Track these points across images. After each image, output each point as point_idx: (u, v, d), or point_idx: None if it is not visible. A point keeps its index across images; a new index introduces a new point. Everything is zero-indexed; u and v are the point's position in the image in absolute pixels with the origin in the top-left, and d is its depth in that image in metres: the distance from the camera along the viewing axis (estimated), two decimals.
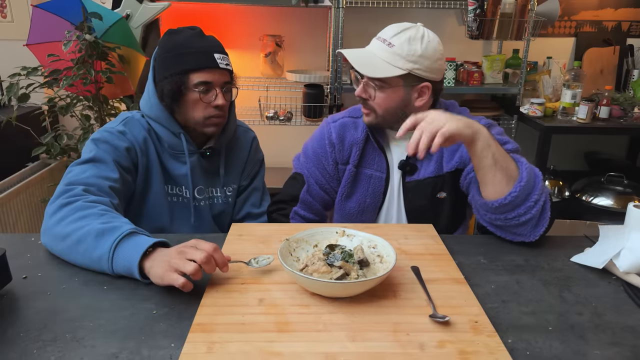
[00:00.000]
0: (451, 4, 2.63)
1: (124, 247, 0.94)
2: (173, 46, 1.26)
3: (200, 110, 1.27)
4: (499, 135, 1.30)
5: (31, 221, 2.39)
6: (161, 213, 1.32)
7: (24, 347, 0.77)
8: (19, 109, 2.33)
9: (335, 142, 1.38)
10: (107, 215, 1.02)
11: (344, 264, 0.93)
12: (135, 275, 0.92)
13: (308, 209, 1.41)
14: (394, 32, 1.24)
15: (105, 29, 2.18)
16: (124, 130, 1.26)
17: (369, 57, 1.26)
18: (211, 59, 1.24)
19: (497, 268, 1.04)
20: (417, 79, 1.25)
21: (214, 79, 1.26)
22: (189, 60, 1.24)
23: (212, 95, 1.27)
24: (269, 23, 2.83)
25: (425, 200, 1.35)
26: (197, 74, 1.24)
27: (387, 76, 1.23)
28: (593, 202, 2.56)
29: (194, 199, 1.36)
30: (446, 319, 0.82)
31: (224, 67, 1.27)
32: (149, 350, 0.76)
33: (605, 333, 0.83)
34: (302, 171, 1.42)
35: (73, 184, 1.10)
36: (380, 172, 1.37)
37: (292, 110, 2.74)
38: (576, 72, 2.64)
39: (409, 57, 1.21)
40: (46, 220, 1.05)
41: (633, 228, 1.02)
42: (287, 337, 0.79)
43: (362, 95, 1.29)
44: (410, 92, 1.27)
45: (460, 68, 2.79)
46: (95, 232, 0.97)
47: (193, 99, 1.26)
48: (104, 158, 1.18)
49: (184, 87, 1.24)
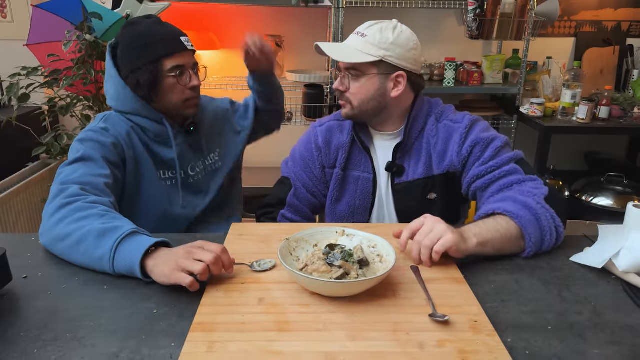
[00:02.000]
0: (451, 4, 2.64)
1: (126, 246, 0.95)
2: (137, 36, 1.27)
3: (178, 94, 1.30)
4: (485, 133, 1.29)
5: (31, 221, 2.39)
6: (160, 199, 1.33)
7: (24, 346, 0.77)
8: (19, 109, 2.33)
9: (322, 146, 1.38)
10: (108, 216, 1.02)
11: (344, 263, 0.93)
12: (137, 274, 0.92)
13: (295, 212, 1.41)
14: (368, 25, 1.28)
15: (105, 29, 2.18)
16: (106, 127, 1.27)
17: (342, 47, 1.30)
18: (179, 43, 1.28)
19: (497, 267, 1.04)
20: (390, 67, 1.26)
21: (185, 61, 1.29)
22: (159, 47, 1.26)
23: (186, 77, 1.30)
24: (269, 23, 2.83)
25: (415, 201, 1.34)
26: (169, 59, 1.27)
27: (358, 61, 1.25)
28: (593, 202, 2.56)
29: (188, 177, 1.39)
30: (446, 319, 0.82)
31: (191, 49, 1.31)
32: (150, 350, 0.76)
33: (605, 332, 0.83)
34: (290, 175, 1.43)
35: (66, 183, 1.10)
36: (367, 173, 1.37)
37: (292, 110, 2.75)
38: (576, 72, 2.65)
39: (380, 45, 1.24)
40: (45, 221, 1.05)
41: (632, 228, 1.02)
42: (287, 336, 0.79)
43: (340, 88, 1.31)
44: (386, 82, 1.27)
45: (460, 68, 2.79)
46: (96, 232, 0.97)
47: (169, 84, 1.28)
48: (93, 156, 1.18)
49: (159, 74, 1.27)
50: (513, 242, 1.07)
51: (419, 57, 1.30)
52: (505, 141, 1.28)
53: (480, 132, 1.29)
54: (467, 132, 1.29)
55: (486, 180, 1.24)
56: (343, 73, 1.30)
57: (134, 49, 1.27)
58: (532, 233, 1.07)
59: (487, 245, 1.04)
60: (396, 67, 1.26)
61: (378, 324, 0.83)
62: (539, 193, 1.13)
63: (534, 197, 1.11)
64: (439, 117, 1.34)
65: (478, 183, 1.25)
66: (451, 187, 1.33)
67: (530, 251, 1.07)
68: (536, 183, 1.18)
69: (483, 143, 1.27)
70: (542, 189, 1.15)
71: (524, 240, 1.07)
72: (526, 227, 1.06)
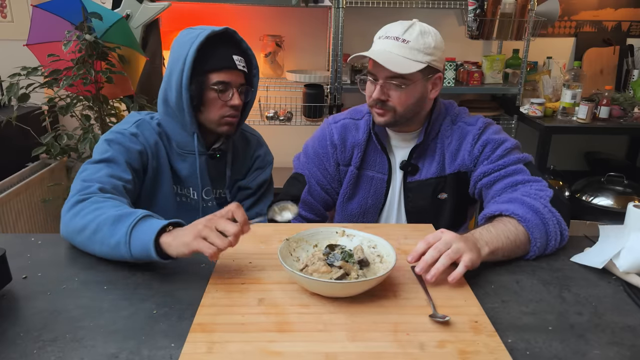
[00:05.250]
0: (451, 4, 2.64)
1: (140, 228, 0.95)
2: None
3: (217, 109, 1.28)
4: (497, 134, 1.30)
5: (31, 221, 2.39)
6: (170, 213, 1.33)
7: (24, 347, 0.77)
8: (19, 109, 2.33)
9: (337, 143, 1.37)
10: (122, 206, 1.04)
11: (344, 264, 0.93)
12: (151, 254, 0.92)
13: (309, 210, 1.41)
14: (404, 29, 1.24)
15: (105, 29, 2.18)
16: (137, 133, 1.27)
17: (388, 56, 1.23)
18: (230, 60, 1.26)
19: (497, 268, 1.04)
20: (433, 71, 1.26)
21: (232, 79, 1.27)
22: (211, 60, 1.24)
23: (228, 94, 1.27)
24: (269, 23, 2.83)
25: (426, 200, 1.35)
26: (216, 73, 1.25)
27: (412, 72, 1.22)
28: (593, 202, 2.56)
29: (202, 200, 1.36)
30: (446, 319, 0.82)
31: (241, 69, 1.28)
32: (149, 350, 0.76)
33: (605, 333, 0.83)
34: (303, 171, 1.42)
35: (89, 181, 1.12)
36: (382, 174, 1.37)
37: (292, 110, 2.74)
38: (576, 72, 2.64)
39: (426, 50, 1.22)
40: (63, 216, 1.07)
41: (633, 228, 1.02)
42: (287, 337, 0.79)
43: (381, 97, 1.26)
44: (427, 85, 1.27)
45: (460, 68, 2.79)
46: (111, 219, 0.98)
47: (211, 98, 1.26)
48: (118, 159, 1.20)
49: (204, 85, 1.25)
50: (520, 248, 1.07)
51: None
52: (516, 144, 1.29)
53: (493, 133, 1.30)
54: (480, 133, 1.30)
55: (492, 178, 1.24)
56: (383, 82, 1.24)
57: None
58: (538, 238, 1.07)
59: (498, 253, 1.04)
60: (436, 70, 1.26)
61: (378, 324, 0.82)
62: (544, 195, 1.13)
63: (541, 200, 1.11)
64: (454, 119, 1.35)
65: (484, 180, 1.26)
66: (461, 187, 1.34)
67: (533, 254, 1.08)
68: (541, 185, 1.18)
69: (494, 143, 1.28)
70: (547, 191, 1.15)
71: (530, 244, 1.07)
72: (533, 232, 1.07)
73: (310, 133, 1.49)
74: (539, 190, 1.15)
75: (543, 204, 1.10)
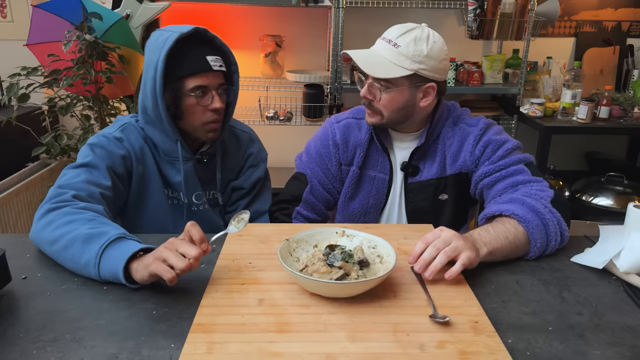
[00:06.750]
0: (451, 4, 2.63)
1: (111, 252, 0.93)
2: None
3: (198, 115, 1.24)
4: (498, 135, 1.30)
5: (31, 221, 2.36)
6: (164, 217, 1.32)
7: (23, 347, 0.77)
8: (19, 109, 2.33)
9: (340, 143, 1.37)
10: (96, 221, 1.01)
11: (344, 264, 0.93)
12: (120, 278, 0.90)
13: (311, 209, 1.41)
14: (400, 33, 1.23)
15: (105, 29, 2.18)
16: (121, 137, 1.25)
17: (374, 57, 1.25)
18: (204, 62, 1.20)
19: (497, 268, 1.04)
20: (422, 79, 1.24)
21: (209, 82, 1.22)
22: (184, 65, 1.20)
23: (207, 98, 1.23)
24: (269, 23, 2.83)
25: (426, 201, 1.35)
26: (191, 78, 1.20)
27: (393, 77, 1.22)
28: (593, 202, 2.56)
29: (192, 204, 1.35)
30: (446, 320, 0.82)
31: (218, 69, 1.23)
32: (149, 351, 0.76)
33: (605, 333, 0.83)
34: (305, 171, 1.41)
35: (65, 187, 1.10)
36: (384, 174, 1.37)
37: (292, 110, 2.74)
38: (576, 72, 2.64)
39: (415, 58, 1.21)
40: (34, 223, 1.05)
41: (633, 228, 1.02)
42: (287, 337, 0.79)
43: (367, 97, 1.27)
44: (416, 93, 1.26)
45: (460, 68, 2.79)
46: (82, 237, 0.96)
47: (189, 104, 1.22)
48: (98, 164, 1.18)
49: (180, 92, 1.21)
50: (520, 249, 1.07)
51: (448, 65, 1.30)
52: (517, 145, 1.29)
53: (494, 134, 1.30)
54: (481, 134, 1.30)
55: (493, 178, 1.24)
56: (371, 81, 1.26)
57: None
58: (537, 239, 1.07)
59: (496, 253, 1.04)
60: (428, 79, 1.25)
61: (378, 324, 0.82)
62: (545, 196, 1.13)
63: (542, 201, 1.11)
64: (456, 121, 1.35)
65: (485, 181, 1.26)
66: (462, 188, 1.34)
67: (533, 255, 1.08)
68: (542, 185, 1.18)
69: (495, 144, 1.28)
70: (547, 191, 1.15)
71: (529, 245, 1.07)
72: (533, 233, 1.07)
73: (311, 133, 1.49)
74: (540, 190, 1.15)
75: (543, 205, 1.10)
